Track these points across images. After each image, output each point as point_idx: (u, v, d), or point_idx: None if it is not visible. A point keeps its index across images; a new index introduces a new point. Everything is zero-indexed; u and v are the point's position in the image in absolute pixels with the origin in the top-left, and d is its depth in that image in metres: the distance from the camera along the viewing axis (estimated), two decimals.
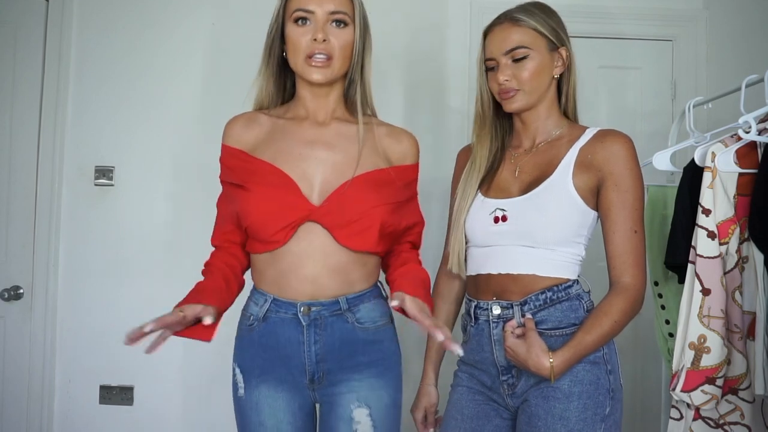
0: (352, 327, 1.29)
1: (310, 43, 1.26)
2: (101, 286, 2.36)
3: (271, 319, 1.29)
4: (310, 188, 1.27)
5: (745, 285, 1.41)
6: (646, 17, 2.44)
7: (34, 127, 2.32)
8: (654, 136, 2.27)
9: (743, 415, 1.43)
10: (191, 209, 2.38)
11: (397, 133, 1.38)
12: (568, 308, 1.28)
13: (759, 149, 1.40)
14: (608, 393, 1.26)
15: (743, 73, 1.54)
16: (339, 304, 1.27)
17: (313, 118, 1.34)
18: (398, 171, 1.34)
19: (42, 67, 2.32)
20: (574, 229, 1.30)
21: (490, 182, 1.39)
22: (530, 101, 1.35)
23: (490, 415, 1.34)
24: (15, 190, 2.30)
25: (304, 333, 1.27)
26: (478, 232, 1.36)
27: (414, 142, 1.40)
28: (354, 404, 1.28)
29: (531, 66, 1.31)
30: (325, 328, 1.27)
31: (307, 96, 1.34)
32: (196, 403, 2.34)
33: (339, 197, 1.25)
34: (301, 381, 1.30)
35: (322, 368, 1.29)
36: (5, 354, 2.28)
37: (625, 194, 1.27)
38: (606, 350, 1.28)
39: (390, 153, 1.35)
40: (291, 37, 1.28)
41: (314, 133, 1.32)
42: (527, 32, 1.32)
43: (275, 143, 1.31)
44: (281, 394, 1.30)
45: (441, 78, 2.44)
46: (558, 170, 1.30)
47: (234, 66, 2.40)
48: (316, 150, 1.30)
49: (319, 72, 1.27)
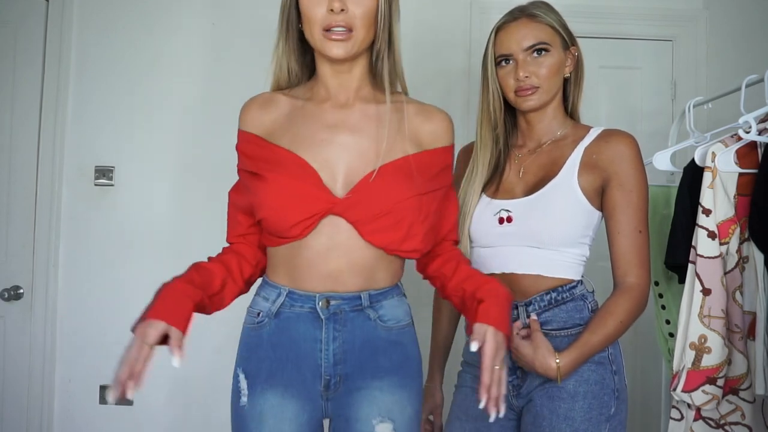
0: (374, 325, 1.15)
1: (327, 15, 1.09)
2: (101, 286, 2.36)
3: (284, 314, 1.15)
4: (333, 178, 1.12)
5: (745, 285, 1.41)
6: (646, 17, 2.44)
7: (34, 127, 2.32)
8: (654, 136, 2.27)
9: (744, 415, 1.43)
10: (191, 209, 2.38)
11: (427, 110, 1.23)
12: (573, 309, 1.28)
13: (759, 149, 1.40)
14: (613, 393, 1.26)
15: (743, 73, 1.54)
16: (361, 299, 1.14)
17: (335, 99, 1.18)
18: (431, 155, 1.19)
19: (42, 67, 2.32)
20: (580, 230, 1.29)
21: (497, 184, 1.37)
22: (545, 100, 1.33)
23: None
24: (15, 190, 2.30)
25: (323, 329, 1.13)
26: (483, 233, 1.35)
27: (447, 121, 1.25)
28: (376, 419, 1.13)
29: (550, 62, 1.30)
30: (346, 324, 1.14)
31: (328, 73, 1.17)
32: (196, 403, 2.34)
33: (365, 188, 1.11)
34: (314, 388, 1.15)
35: (340, 371, 1.14)
36: (5, 354, 2.28)
37: (629, 194, 1.26)
38: (611, 350, 1.28)
39: (421, 135, 1.20)
40: (306, 9, 1.12)
41: (337, 116, 1.17)
42: (545, 29, 1.31)
43: (294, 127, 1.16)
44: (290, 403, 1.14)
45: (441, 78, 2.44)
46: (563, 171, 1.30)
47: (234, 66, 2.40)
48: (340, 135, 1.15)
49: (339, 46, 1.11)
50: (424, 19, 2.44)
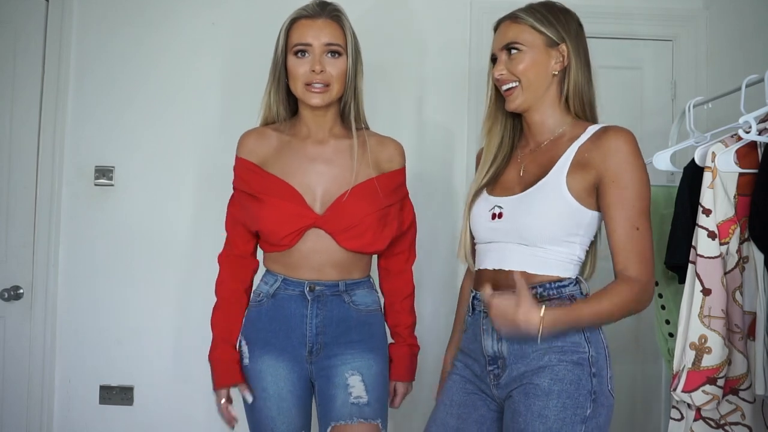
0: (348, 307, 1.50)
1: (309, 74, 1.44)
2: (101, 286, 2.36)
3: (279, 295, 1.49)
4: (313, 199, 1.47)
5: (745, 285, 1.41)
6: (647, 17, 2.44)
7: (34, 127, 2.32)
8: (654, 136, 2.27)
9: (744, 415, 1.43)
10: (191, 209, 2.38)
11: (384, 141, 1.58)
12: (557, 305, 1.24)
13: (759, 149, 1.40)
14: (590, 395, 1.24)
15: (743, 73, 1.54)
16: (339, 286, 1.49)
17: (315, 137, 1.53)
18: (388, 177, 1.53)
19: (42, 67, 2.32)
20: (566, 229, 1.29)
21: (498, 180, 1.41)
22: (528, 99, 1.36)
23: (477, 404, 1.36)
24: (15, 190, 2.30)
25: (308, 307, 1.47)
26: (479, 228, 1.39)
27: (400, 148, 1.59)
28: (348, 373, 1.47)
29: (523, 59, 1.34)
30: (326, 304, 1.48)
31: (308, 116, 1.52)
32: (196, 403, 2.33)
33: (338, 207, 1.45)
34: (300, 353, 1.48)
35: (320, 341, 1.48)
36: (5, 354, 2.27)
37: (623, 191, 1.24)
38: (593, 353, 1.27)
39: (380, 161, 1.54)
40: (292, 69, 1.47)
41: (315, 151, 1.52)
42: (523, 29, 1.36)
43: (282, 159, 1.51)
44: (282, 364, 1.48)
45: (441, 78, 2.44)
46: (553, 170, 1.31)
47: (234, 65, 2.40)
48: (317, 165, 1.50)
49: (318, 97, 1.46)
50: (425, 20, 2.44)
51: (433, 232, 2.32)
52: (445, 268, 2.37)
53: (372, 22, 1.37)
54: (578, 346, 1.26)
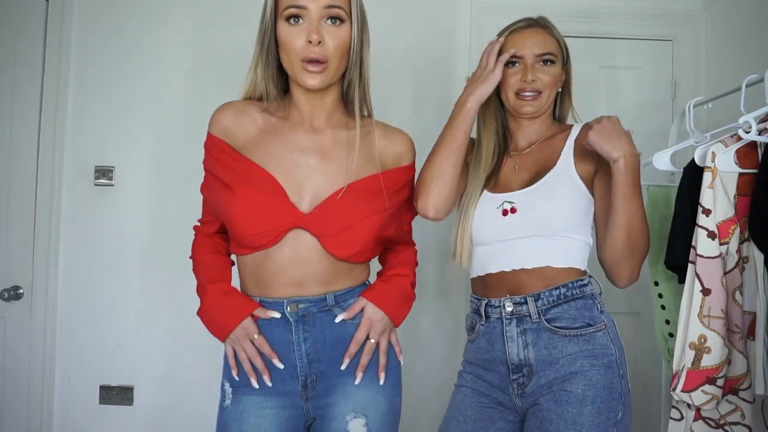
0: (342, 323, 1.23)
1: (305, 46, 1.16)
2: (101, 286, 2.36)
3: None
4: (300, 196, 1.20)
5: (745, 285, 1.41)
6: (646, 17, 2.43)
7: (34, 127, 2.32)
8: (654, 136, 2.26)
9: (744, 415, 1.43)
10: (191, 209, 2.37)
11: (391, 133, 1.32)
12: (582, 306, 1.29)
13: (759, 149, 1.40)
14: (620, 397, 1.26)
15: (743, 73, 1.54)
16: (326, 300, 1.22)
17: (308, 124, 1.26)
18: (393, 174, 1.28)
19: (42, 67, 2.32)
20: (582, 215, 1.33)
21: (495, 178, 1.42)
22: (542, 108, 1.40)
23: (494, 417, 1.33)
24: (15, 190, 2.30)
25: (293, 332, 1.20)
26: (487, 228, 1.36)
27: (409, 142, 1.34)
28: (350, 415, 1.21)
29: (553, 72, 1.39)
30: (314, 324, 1.21)
31: (302, 99, 1.25)
32: (195, 403, 2.33)
33: (331, 204, 1.19)
34: (293, 388, 1.22)
35: (315, 370, 1.21)
36: (5, 354, 2.27)
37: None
38: (618, 354, 1.29)
39: (385, 156, 1.28)
40: (283, 39, 1.18)
41: (308, 140, 1.25)
42: (554, 42, 1.40)
43: (266, 144, 1.23)
44: (270, 402, 1.22)
45: (441, 77, 2.43)
46: (561, 160, 1.35)
47: (234, 66, 2.39)
48: (309, 157, 1.23)
49: (315, 77, 1.18)
50: (424, 19, 2.44)
51: (423, 237, 2.32)
52: (438, 273, 2.35)
53: (369, 21, 1.33)
54: (606, 349, 1.28)
